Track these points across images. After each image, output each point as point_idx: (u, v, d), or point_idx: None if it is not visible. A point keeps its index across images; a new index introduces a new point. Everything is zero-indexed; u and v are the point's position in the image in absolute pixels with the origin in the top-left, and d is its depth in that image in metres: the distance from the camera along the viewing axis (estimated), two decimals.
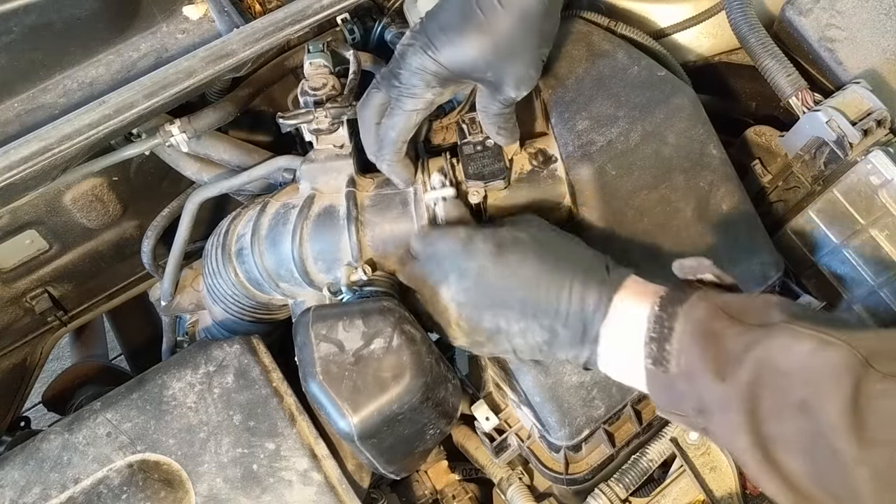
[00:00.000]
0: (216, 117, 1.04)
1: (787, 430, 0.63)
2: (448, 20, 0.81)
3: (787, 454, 0.64)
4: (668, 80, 1.01)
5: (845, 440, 0.59)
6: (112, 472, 0.87)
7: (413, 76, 0.83)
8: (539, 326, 0.77)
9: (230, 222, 1.02)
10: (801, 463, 0.63)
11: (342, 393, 0.80)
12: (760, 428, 0.65)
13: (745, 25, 1.04)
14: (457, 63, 0.81)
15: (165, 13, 0.99)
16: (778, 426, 0.64)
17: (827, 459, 0.61)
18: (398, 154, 0.90)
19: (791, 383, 0.63)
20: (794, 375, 0.63)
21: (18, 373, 1.30)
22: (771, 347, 0.65)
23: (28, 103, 0.94)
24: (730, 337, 0.68)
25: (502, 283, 0.78)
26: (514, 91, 0.85)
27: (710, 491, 0.92)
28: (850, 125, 0.95)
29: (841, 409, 0.60)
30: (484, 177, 0.92)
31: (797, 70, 1.02)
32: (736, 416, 0.66)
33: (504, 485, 1.08)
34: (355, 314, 0.84)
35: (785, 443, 0.64)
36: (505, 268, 0.78)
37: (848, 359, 0.61)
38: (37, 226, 1.11)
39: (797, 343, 0.64)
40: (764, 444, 0.65)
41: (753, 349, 0.66)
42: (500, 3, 0.79)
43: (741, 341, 0.67)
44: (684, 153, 0.97)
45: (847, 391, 0.60)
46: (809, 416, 0.61)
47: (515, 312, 0.78)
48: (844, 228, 0.99)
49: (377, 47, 1.12)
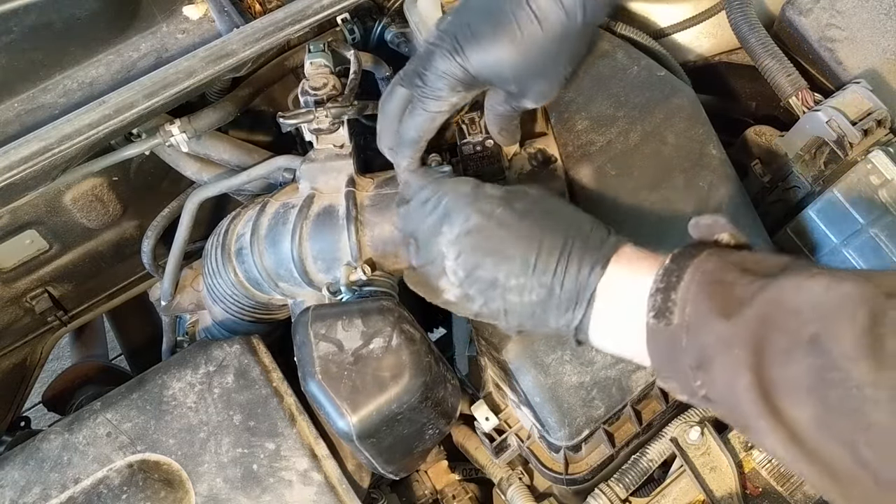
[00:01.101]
0: (216, 117, 1.04)
1: (794, 372, 0.57)
2: (480, 27, 0.79)
3: (792, 400, 0.58)
4: (668, 80, 1.01)
5: (860, 367, 0.54)
6: (112, 472, 0.87)
7: (439, 79, 0.81)
8: (538, 284, 0.74)
9: (230, 222, 1.02)
10: (807, 407, 0.57)
11: (341, 392, 0.80)
12: (764, 371, 0.59)
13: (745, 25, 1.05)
14: (485, 72, 0.80)
15: (165, 13, 0.99)
16: (784, 369, 0.58)
17: (838, 396, 0.55)
18: (418, 153, 0.88)
19: (802, 320, 0.58)
20: (806, 312, 0.58)
21: (18, 373, 1.30)
22: (783, 287, 0.61)
23: (28, 103, 0.94)
24: (740, 285, 0.63)
25: (507, 232, 0.75)
26: (532, 104, 0.84)
27: (710, 491, 0.92)
28: (851, 125, 0.96)
29: (857, 336, 0.54)
30: (484, 177, 0.92)
31: (797, 70, 1.02)
32: (740, 352, 0.60)
33: (504, 485, 1.08)
34: (354, 314, 0.84)
35: (791, 387, 0.58)
36: (512, 214, 0.75)
37: (866, 291, 0.56)
38: (37, 226, 1.11)
39: (810, 281, 0.60)
40: (766, 388, 0.59)
41: (764, 291, 0.61)
42: (537, 18, 0.76)
43: (751, 287, 0.62)
44: (684, 153, 0.97)
45: (864, 320, 0.55)
46: (820, 352, 0.56)
47: (516, 266, 0.74)
48: (844, 228, 0.99)
49: (377, 47, 1.12)
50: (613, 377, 0.92)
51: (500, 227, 0.75)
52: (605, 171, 0.94)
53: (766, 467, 0.94)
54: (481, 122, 0.96)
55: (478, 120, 0.96)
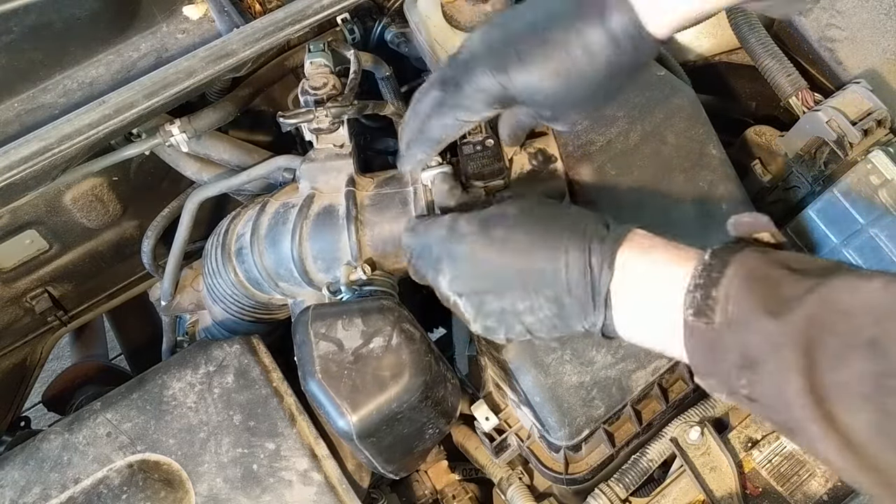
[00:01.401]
0: (216, 117, 1.04)
1: (849, 376, 0.55)
2: (527, 50, 0.76)
3: (847, 406, 0.55)
4: (668, 79, 1.01)
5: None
6: (112, 472, 0.87)
7: (477, 93, 0.78)
8: (545, 300, 0.73)
9: (230, 222, 1.02)
10: (864, 413, 0.54)
11: (341, 392, 0.80)
12: (817, 375, 0.56)
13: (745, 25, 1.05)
14: (524, 95, 0.78)
15: (165, 13, 0.99)
16: (838, 374, 0.56)
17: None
18: (434, 153, 0.87)
19: (858, 324, 0.56)
20: (862, 315, 0.56)
21: (18, 373, 1.31)
22: (835, 288, 0.58)
23: (28, 103, 0.94)
24: (787, 283, 0.60)
25: (495, 261, 0.74)
26: (562, 128, 0.83)
27: (710, 491, 0.92)
28: (851, 125, 0.96)
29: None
30: (484, 177, 0.92)
31: (797, 70, 1.02)
32: (790, 354, 0.58)
33: (504, 485, 1.08)
34: (354, 313, 0.84)
35: (846, 393, 0.55)
36: (492, 245, 0.75)
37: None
38: (37, 226, 1.11)
39: (864, 281, 0.58)
40: (819, 394, 0.56)
41: (814, 291, 0.58)
42: (588, 51, 0.74)
43: (800, 286, 0.59)
44: (684, 153, 0.97)
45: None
46: (879, 356, 0.54)
47: (517, 290, 0.73)
48: (844, 228, 0.99)
49: (377, 47, 1.13)
50: (613, 377, 0.92)
51: (486, 262, 0.75)
52: (605, 171, 0.94)
53: (766, 467, 0.94)
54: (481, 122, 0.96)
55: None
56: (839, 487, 0.92)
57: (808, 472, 0.93)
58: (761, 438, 0.95)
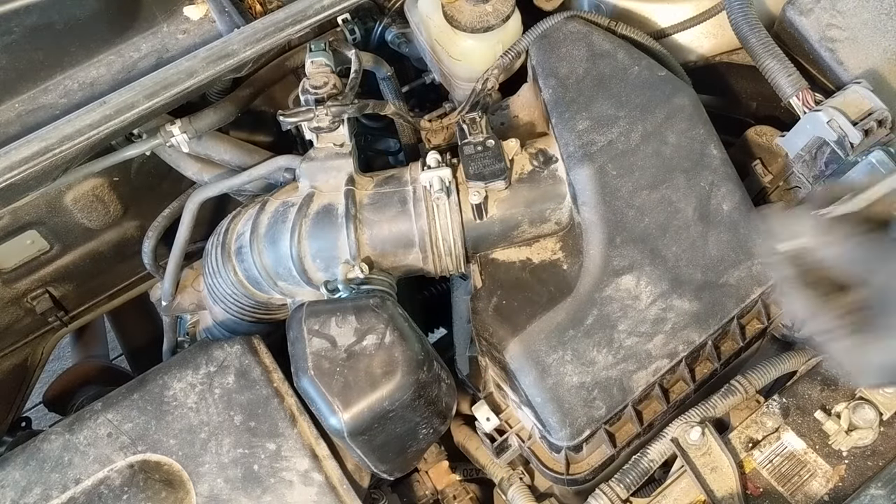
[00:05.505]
0: (217, 117, 1.04)
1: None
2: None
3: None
4: (669, 80, 1.01)
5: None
6: (113, 472, 0.87)
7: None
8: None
9: (230, 221, 1.03)
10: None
11: (333, 389, 0.80)
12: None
13: (745, 26, 1.04)
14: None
15: (166, 13, 1.00)
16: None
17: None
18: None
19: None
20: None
21: (19, 373, 1.31)
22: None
23: (29, 103, 0.94)
24: None
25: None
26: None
27: (711, 491, 0.92)
28: (851, 125, 0.95)
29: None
30: (485, 177, 0.92)
31: (798, 70, 1.02)
32: None
33: (505, 485, 1.08)
34: (348, 310, 0.84)
35: None
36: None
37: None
38: (38, 226, 1.11)
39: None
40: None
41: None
42: None
43: None
44: (685, 153, 0.97)
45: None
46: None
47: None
48: None
49: (378, 47, 1.13)
50: (614, 377, 0.92)
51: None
52: (605, 171, 0.94)
53: (767, 468, 0.94)
54: (482, 122, 0.96)
55: (478, 120, 0.96)
56: (840, 488, 0.92)
57: (809, 472, 0.93)
58: (762, 439, 0.95)
